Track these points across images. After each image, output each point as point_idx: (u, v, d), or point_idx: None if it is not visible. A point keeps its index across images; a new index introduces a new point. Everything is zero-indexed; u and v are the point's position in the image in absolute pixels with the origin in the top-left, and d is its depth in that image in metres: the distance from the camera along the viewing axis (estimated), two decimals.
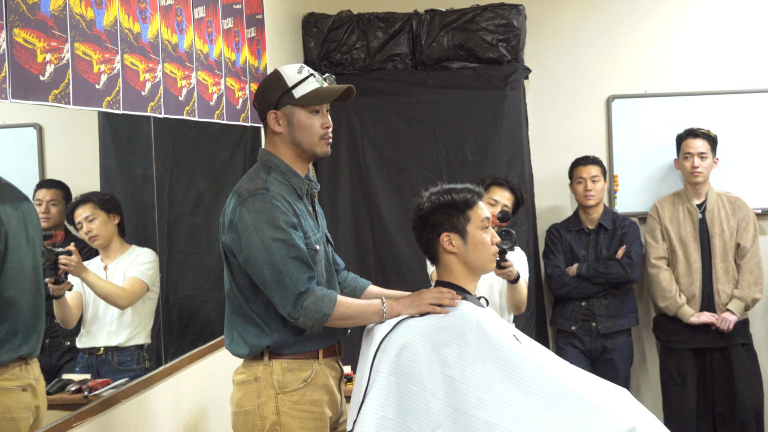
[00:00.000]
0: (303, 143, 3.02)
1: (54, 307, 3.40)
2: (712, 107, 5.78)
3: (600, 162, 5.58)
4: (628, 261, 5.44)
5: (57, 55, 2.66)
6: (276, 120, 3.02)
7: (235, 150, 4.63)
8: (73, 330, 3.42)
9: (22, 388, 2.83)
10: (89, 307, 3.65)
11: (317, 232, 3.07)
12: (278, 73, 3.03)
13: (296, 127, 3.01)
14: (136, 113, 3.23)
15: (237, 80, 4.28)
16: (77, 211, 3.66)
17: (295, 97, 2.99)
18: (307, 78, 3.01)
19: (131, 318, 3.80)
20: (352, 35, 5.67)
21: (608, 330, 5.42)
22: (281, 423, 2.98)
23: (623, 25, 5.92)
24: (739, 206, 5.49)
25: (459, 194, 3.03)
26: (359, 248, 5.60)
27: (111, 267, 3.77)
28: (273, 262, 2.87)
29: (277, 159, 3.04)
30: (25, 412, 2.82)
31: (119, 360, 3.69)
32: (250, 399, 3.01)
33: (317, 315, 2.89)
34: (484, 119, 5.58)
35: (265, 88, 3.04)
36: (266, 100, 3.02)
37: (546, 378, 2.77)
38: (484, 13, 5.59)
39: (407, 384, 2.80)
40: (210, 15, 3.96)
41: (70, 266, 3.42)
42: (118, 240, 3.81)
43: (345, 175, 5.64)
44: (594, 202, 5.51)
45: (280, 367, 3.00)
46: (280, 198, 2.93)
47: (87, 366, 3.61)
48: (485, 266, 3.06)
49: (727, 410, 5.47)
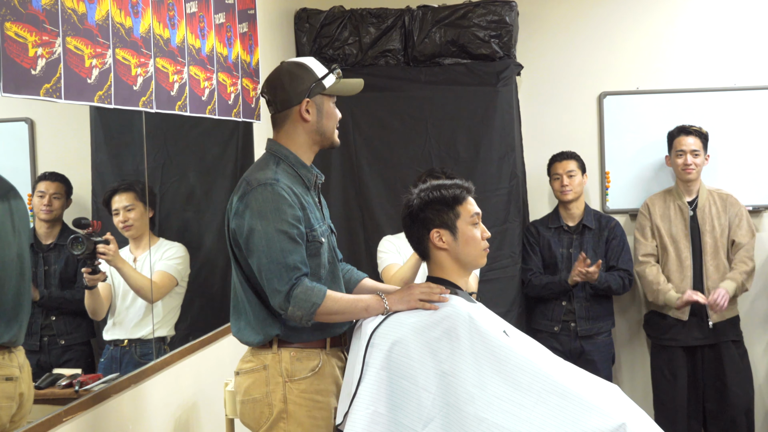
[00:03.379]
0: (327, 131, 3.12)
1: (86, 298, 3.43)
2: (703, 104, 5.79)
3: (577, 156, 5.57)
4: (629, 277, 5.46)
5: (48, 49, 2.66)
6: (307, 108, 3.07)
7: (227, 145, 4.63)
8: (68, 328, 3.42)
9: (5, 377, 2.83)
10: (118, 298, 3.65)
11: (323, 224, 3.11)
12: (304, 64, 3.10)
13: (325, 116, 3.10)
14: (128, 108, 3.22)
15: (229, 75, 4.28)
16: (116, 197, 3.67)
17: (325, 87, 3.08)
18: (330, 71, 3.12)
19: (157, 311, 3.82)
20: (345, 31, 5.67)
21: (587, 333, 5.41)
22: (288, 411, 3.01)
23: (615, 22, 5.92)
24: (730, 203, 5.50)
25: (448, 190, 3.04)
26: (350, 243, 5.60)
27: (140, 259, 3.79)
28: (271, 252, 2.90)
29: (287, 150, 3.09)
30: (7, 402, 2.82)
31: (141, 352, 3.70)
32: (259, 387, 3.05)
33: (306, 305, 2.89)
34: (476, 115, 5.58)
35: (291, 79, 3.07)
36: (296, 90, 3.06)
37: (536, 373, 2.78)
38: (476, 10, 5.60)
39: (399, 379, 2.81)
40: (202, 10, 3.96)
41: (108, 255, 3.44)
42: (149, 233, 3.82)
43: (337, 170, 5.64)
44: (572, 196, 5.50)
45: (289, 356, 3.03)
46: (288, 190, 2.97)
47: (111, 358, 3.62)
48: (476, 261, 3.07)
49: (717, 407, 5.48)
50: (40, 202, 3.21)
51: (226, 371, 4.12)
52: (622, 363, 5.94)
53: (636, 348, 5.96)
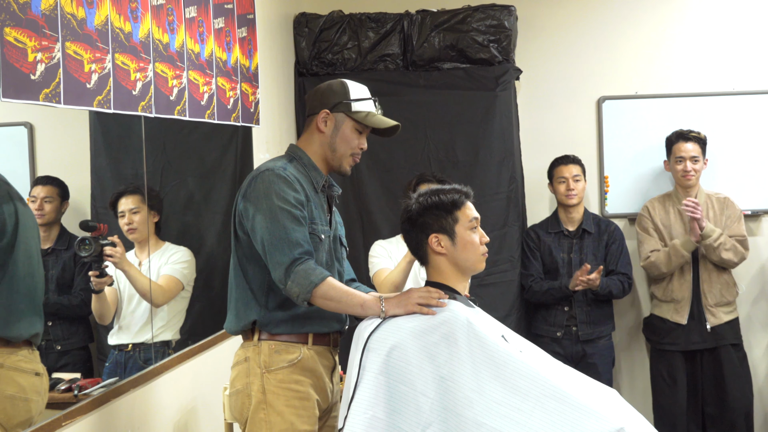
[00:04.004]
0: (338, 150, 3.22)
1: (93, 302, 3.45)
2: (702, 109, 5.79)
3: (580, 161, 5.58)
4: (628, 281, 5.47)
5: (48, 54, 2.66)
6: (325, 120, 3.18)
7: (226, 150, 4.63)
8: (65, 333, 3.41)
9: (35, 372, 2.87)
10: (123, 303, 3.66)
11: (325, 225, 3.18)
12: (345, 83, 3.22)
13: (339, 135, 3.20)
14: (127, 113, 3.23)
15: (228, 80, 4.28)
16: (123, 199, 3.68)
17: (351, 109, 3.17)
18: (368, 99, 3.22)
19: (162, 315, 3.82)
20: (344, 35, 5.68)
21: (588, 336, 5.41)
22: (267, 401, 3.06)
23: (614, 27, 5.93)
24: (727, 206, 5.50)
25: (446, 195, 3.04)
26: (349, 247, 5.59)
27: (145, 263, 3.79)
28: (276, 227, 2.98)
29: (303, 153, 3.21)
30: (37, 396, 2.86)
31: (146, 357, 3.70)
32: (241, 378, 3.12)
33: (305, 281, 2.92)
34: (475, 120, 5.59)
35: (326, 89, 3.21)
36: (323, 100, 3.19)
37: (535, 378, 2.78)
38: (475, 14, 5.60)
39: (397, 384, 2.81)
40: (201, 15, 3.96)
41: (115, 257, 3.45)
42: (154, 237, 3.83)
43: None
44: (576, 201, 5.51)
45: (268, 348, 3.09)
46: (294, 180, 3.08)
47: (116, 363, 3.62)
48: (474, 266, 3.06)
49: (716, 411, 5.48)
50: (32, 206, 3.21)
51: (225, 375, 4.10)
52: (621, 367, 5.94)
53: (635, 352, 5.96)
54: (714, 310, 5.41)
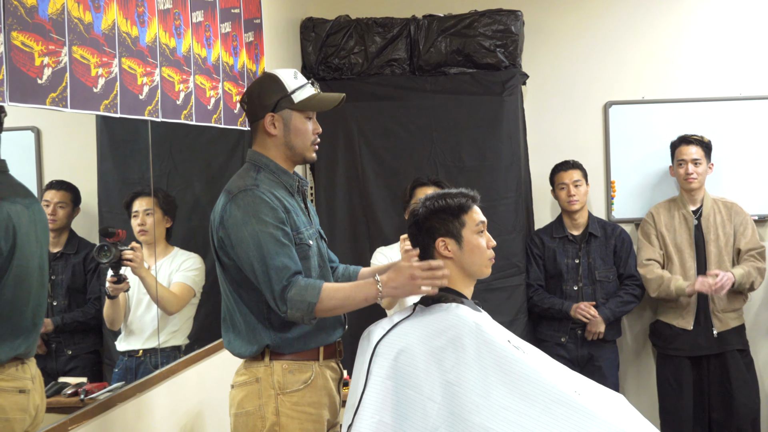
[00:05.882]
0: (296, 147, 3.10)
1: (106, 307, 3.43)
2: (709, 114, 5.79)
3: (580, 166, 5.58)
4: (636, 285, 5.47)
5: (55, 58, 2.67)
6: (272, 123, 3.07)
7: (232, 154, 4.63)
8: (75, 339, 3.41)
9: (18, 389, 2.81)
10: (131, 308, 3.65)
11: (310, 228, 3.11)
12: (275, 76, 3.09)
13: (292, 131, 3.08)
14: (134, 117, 3.23)
15: (235, 84, 4.28)
16: (138, 200, 3.67)
17: (294, 102, 3.06)
18: (304, 85, 3.09)
19: (174, 321, 3.82)
20: (350, 40, 5.68)
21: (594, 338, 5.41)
22: (280, 423, 3.01)
23: (621, 32, 5.93)
24: (735, 212, 5.49)
25: (453, 199, 3.04)
26: (355, 252, 5.60)
27: (153, 269, 3.78)
28: (261, 255, 2.91)
29: (267, 159, 3.10)
30: (21, 414, 2.80)
31: (156, 362, 3.70)
32: (251, 400, 3.04)
33: (302, 305, 2.89)
34: (481, 124, 5.58)
35: (260, 91, 3.09)
36: (262, 103, 3.07)
37: (541, 383, 2.77)
38: (482, 19, 5.60)
39: (404, 388, 2.81)
40: (208, 19, 3.97)
41: (135, 262, 3.44)
42: (164, 242, 3.82)
43: (342, 179, 5.64)
44: (578, 206, 5.50)
45: (281, 368, 3.03)
46: (269, 194, 2.98)
47: (125, 369, 3.61)
48: (481, 270, 3.06)
49: (723, 416, 5.47)
50: (45, 211, 3.20)
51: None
52: (628, 372, 5.93)
53: (642, 357, 5.95)
54: (722, 316, 5.40)
